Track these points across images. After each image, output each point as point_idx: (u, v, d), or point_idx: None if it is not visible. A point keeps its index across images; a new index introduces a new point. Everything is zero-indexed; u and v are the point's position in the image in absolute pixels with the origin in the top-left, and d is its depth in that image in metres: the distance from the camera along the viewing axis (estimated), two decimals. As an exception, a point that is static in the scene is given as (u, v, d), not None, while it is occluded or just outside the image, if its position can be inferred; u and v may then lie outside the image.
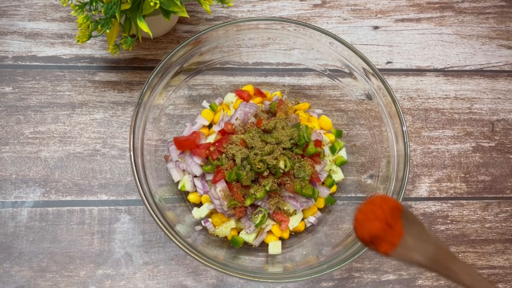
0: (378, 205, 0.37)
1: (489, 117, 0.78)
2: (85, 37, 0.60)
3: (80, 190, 0.69)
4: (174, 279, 0.66)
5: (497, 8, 0.83)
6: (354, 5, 0.81)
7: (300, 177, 0.61)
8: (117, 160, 0.71)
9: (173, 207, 0.66)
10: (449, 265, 0.35)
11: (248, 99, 0.68)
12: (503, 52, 0.81)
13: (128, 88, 0.74)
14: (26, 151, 0.70)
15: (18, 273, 0.65)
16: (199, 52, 0.65)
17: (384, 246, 0.36)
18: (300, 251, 0.65)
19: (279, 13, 0.80)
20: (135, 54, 0.75)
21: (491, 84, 0.79)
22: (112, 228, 0.68)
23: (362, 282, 0.68)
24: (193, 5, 0.78)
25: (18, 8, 0.76)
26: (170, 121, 0.70)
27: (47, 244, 0.67)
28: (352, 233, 0.62)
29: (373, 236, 0.36)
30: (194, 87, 0.72)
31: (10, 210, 0.67)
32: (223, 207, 0.61)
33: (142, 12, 0.60)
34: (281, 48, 0.70)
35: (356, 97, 0.69)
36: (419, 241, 0.36)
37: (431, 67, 0.79)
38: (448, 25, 0.82)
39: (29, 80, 0.73)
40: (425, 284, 0.69)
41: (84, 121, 0.72)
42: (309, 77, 0.73)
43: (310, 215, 0.67)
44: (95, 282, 0.65)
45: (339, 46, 0.63)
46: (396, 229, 0.36)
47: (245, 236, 0.64)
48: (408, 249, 0.36)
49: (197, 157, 0.63)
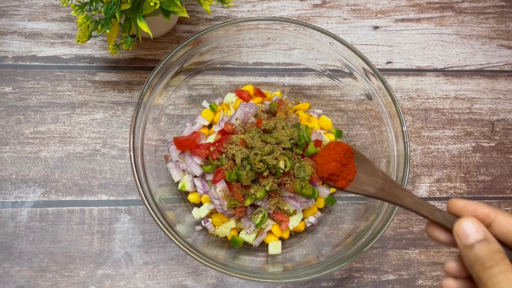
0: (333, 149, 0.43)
1: (489, 117, 0.78)
2: (85, 37, 0.60)
3: (80, 190, 0.69)
4: (174, 279, 0.66)
5: (497, 8, 0.83)
6: (354, 5, 0.81)
7: (300, 177, 0.61)
8: (117, 160, 0.71)
9: (173, 207, 0.66)
10: (395, 192, 0.42)
11: (248, 99, 0.68)
12: (503, 52, 0.81)
13: (128, 88, 0.74)
14: (26, 151, 0.70)
15: (18, 273, 0.65)
16: (199, 52, 0.65)
17: (341, 182, 0.43)
18: (300, 251, 0.65)
19: (279, 13, 0.80)
20: (135, 54, 0.75)
21: (491, 84, 0.79)
22: (112, 228, 0.68)
23: (362, 282, 0.68)
24: (193, 5, 0.78)
25: (18, 8, 0.76)
26: (170, 121, 0.70)
27: (47, 244, 0.67)
28: (352, 233, 0.62)
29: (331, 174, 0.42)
30: (194, 87, 0.72)
31: (10, 210, 0.67)
32: (223, 207, 0.61)
33: (142, 12, 0.60)
34: (281, 48, 0.70)
35: (356, 97, 0.69)
36: (369, 175, 0.43)
37: (431, 67, 0.79)
38: (448, 25, 0.82)
39: (29, 80, 0.73)
40: (425, 284, 0.69)
41: (84, 121, 0.72)
42: (309, 77, 0.73)
43: (310, 215, 0.67)
44: (95, 282, 0.65)
45: (339, 46, 0.63)
46: (349, 168, 0.43)
47: (245, 236, 0.64)
48: (361, 183, 0.43)
49: (197, 157, 0.63)
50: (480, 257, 0.36)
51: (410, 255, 0.70)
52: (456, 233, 0.38)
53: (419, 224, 0.71)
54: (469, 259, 0.37)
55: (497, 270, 0.34)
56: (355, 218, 0.66)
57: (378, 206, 0.61)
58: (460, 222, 0.38)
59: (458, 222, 0.38)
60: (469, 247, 0.37)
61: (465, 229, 0.37)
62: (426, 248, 0.70)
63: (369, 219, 0.61)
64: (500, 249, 0.36)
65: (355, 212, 0.67)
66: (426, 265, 0.70)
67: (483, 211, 0.38)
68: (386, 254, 0.70)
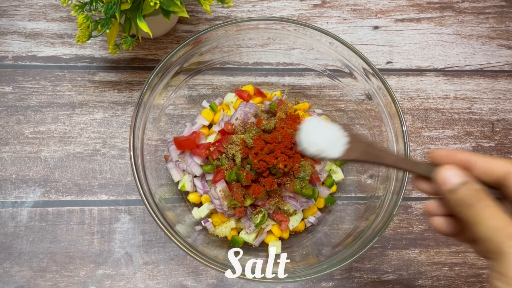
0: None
1: (489, 117, 0.78)
2: (85, 37, 0.60)
3: (80, 190, 0.69)
4: (174, 279, 0.66)
5: (497, 8, 0.83)
6: (354, 5, 0.81)
7: (300, 177, 0.61)
8: (117, 160, 0.71)
9: (173, 207, 0.66)
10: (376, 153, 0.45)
11: (248, 99, 0.68)
12: (503, 52, 0.81)
13: (128, 88, 0.74)
14: (26, 151, 0.70)
15: (18, 273, 0.65)
16: (199, 52, 0.65)
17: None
18: (300, 251, 0.65)
19: (279, 13, 0.80)
20: (135, 54, 0.75)
21: (491, 84, 0.79)
22: (112, 228, 0.68)
23: (362, 282, 0.68)
24: (193, 5, 0.78)
25: (18, 8, 0.76)
26: (170, 121, 0.70)
27: (47, 244, 0.67)
28: (352, 233, 0.62)
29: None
30: (194, 87, 0.72)
31: (10, 210, 0.67)
32: (223, 207, 0.61)
33: (142, 12, 0.60)
34: (281, 48, 0.70)
35: (356, 97, 0.69)
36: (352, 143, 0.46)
37: (431, 67, 0.79)
38: (448, 25, 0.82)
39: (29, 80, 0.73)
40: (425, 284, 0.69)
41: (84, 121, 0.72)
42: (309, 77, 0.73)
43: (310, 215, 0.67)
44: (95, 282, 0.65)
45: (339, 46, 0.63)
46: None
47: (245, 236, 0.64)
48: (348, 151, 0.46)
49: (197, 157, 0.63)
50: (463, 198, 0.38)
51: (410, 255, 0.70)
52: (437, 181, 0.41)
53: (419, 224, 0.71)
54: (454, 202, 0.39)
55: (480, 206, 0.37)
56: (355, 218, 0.66)
57: (378, 206, 0.61)
58: (440, 170, 0.40)
59: (438, 170, 0.41)
60: (452, 191, 0.39)
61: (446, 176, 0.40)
62: (426, 248, 0.70)
63: (369, 219, 0.61)
64: (481, 188, 0.39)
65: (355, 212, 0.67)
66: (426, 265, 0.70)
67: (462, 156, 0.41)
68: (386, 254, 0.70)
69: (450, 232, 0.43)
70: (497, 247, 0.34)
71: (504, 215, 0.36)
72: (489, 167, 0.40)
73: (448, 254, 0.70)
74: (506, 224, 0.35)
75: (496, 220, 0.36)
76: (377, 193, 0.64)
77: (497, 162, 0.40)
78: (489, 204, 0.37)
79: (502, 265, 0.34)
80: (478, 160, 0.40)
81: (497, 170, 0.39)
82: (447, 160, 0.41)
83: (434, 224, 0.44)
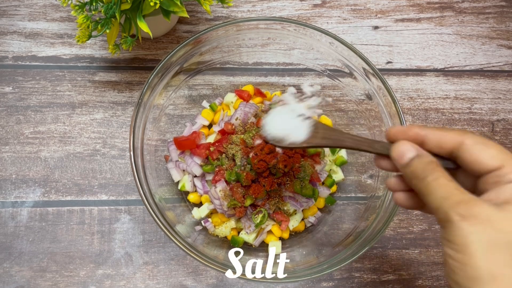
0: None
1: (489, 117, 0.78)
2: (85, 37, 0.60)
3: (80, 190, 0.69)
4: (174, 279, 0.66)
5: (497, 8, 0.83)
6: (354, 5, 0.81)
7: (300, 177, 0.61)
8: (117, 160, 0.71)
9: (173, 207, 0.66)
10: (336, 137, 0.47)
11: (248, 99, 0.68)
12: (503, 52, 0.81)
13: (128, 88, 0.74)
14: (26, 151, 0.70)
15: (18, 273, 0.65)
16: (199, 52, 0.65)
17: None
18: (300, 251, 0.65)
19: (279, 13, 0.80)
20: (135, 54, 0.75)
21: (491, 84, 0.79)
22: (112, 228, 0.68)
23: (362, 282, 0.68)
24: (193, 5, 0.78)
25: (18, 8, 0.76)
26: (170, 121, 0.70)
27: (47, 244, 0.67)
28: (352, 233, 0.62)
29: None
30: (194, 87, 0.72)
31: (10, 210, 0.67)
32: (223, 207, 0.61)
33: (142, 12, 0.60)
34: (281, 48, 0.70)
35: (356, 97, 0.69)
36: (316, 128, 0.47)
37: (431, 67, 0.79)
38: (448, 25, 0.82)
39: (29, 80, 0.73)
40: (425, 284, 0.69)
41: (84, 121, 0.72)
42: (309, 77, 0.73)
43: (310, 215, 0.67)
44: (95, 282, 0.65)
45: (339, 46, 0.63)
46: None
47: (245, 236, 0.64)
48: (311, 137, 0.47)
49: (197, 157, 0.63)
50: (415, 171, 0.39)
51: (410, 255, 0.70)
52: (393, 157, 0.42)
53: (419, 224, 0.71)
54: (408, 176, 0.40)
55: (431, 178, 0.38)
56: (355, 218, 0.66)
57: (378, 206, 0.61)
58: (394, 146, 0.42)
59: (392, 147, 0.42)
60: (405, 165, 0.40)
61: (399, 151, 0.41)
62: (426, 248, 0.70)
63: (369, 219, 0.61)
64: (433, 160, 0.39)
65: (355, 212, 0.67)
66: (426, 265, 0.70)
67: (414, 131, 0.42)
68: (386, 254, 0.70)
69: (413, 205, 0.44)
70: (445, 215, 0.35)
71: (453, 184, 0.37)
72: (441, 140, 0.40)
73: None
74: (453, 193, 0.36)
75: (444, 189, 0.36)
76: (377, 193, 0.64)
77: (448, 134, 0.40)
78: (439, 175, 0.38)
79: (450, 232, 0.35)
80: (429, 133, 0.41)
81: (449, 142, 0.40)
82: (402, 136, 0.42)
83: (397, 199, 0.45)
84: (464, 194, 0.36)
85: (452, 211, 0.35)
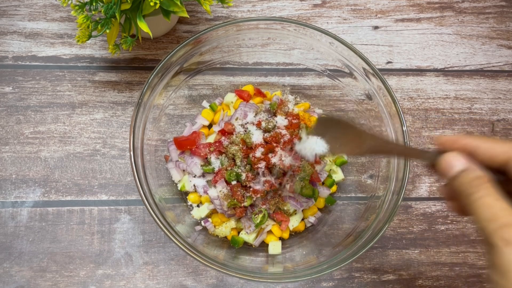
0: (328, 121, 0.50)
1: (489, 117, 0.78)
2: (85, 37, 0.60)
3: (80, 190, 0.69)
4: (174, 279, 0.66)
5: (497, 8, 0.83)
6: (354, 5, 0.81)
7: (300, 177, 0.61)
8: (117, 160, 0.71)
9: (173, 207, 0.66)
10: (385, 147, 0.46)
11: (248, 99, 0.68)
12: (503, 52, 0.81)
13: (128, 88, 0.74)
14: (26, 151, 0.70)
15: (18, 273, 0.65)
16: (199, 52, 0.65)
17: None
18: (300, 251, 0.65)
19: (279, 13, 0.80)
20: (135, 54, 0.75)
21: (491, 84, 0.79)
22: (112, 228, 0.68)
23: (362, 282, 0.68)
24: (193, 5, 0.78)
25: (18, 8, 0.76)
26: (170, 121, 0.70)
27: (47, 244, 0.67)
28: (352, 233, 0.62)
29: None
30: (194, 87, 0.72)
31: (10, 210, 0.67)
32: (223, 207, 0.61)
33: (142, 12, 0.60)
34: (281, 48, 0.70)
35: (356, 97, 0.68)
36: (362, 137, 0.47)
37: (431, 67, 0.79)
38: (448, 25, 0.82)
39: (29, 80, 0.73)
40: (425, 284, 0.69)
41: (84, 121, 0.72)
42: (309, 77, 0.73)
43: (310, 215, 0.67)
44: (95, 282, 0.65)
45: (339, 46, 0.63)
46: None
47: (245, 236, 0.64)
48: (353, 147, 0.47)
49: (197, 157, 0.63)
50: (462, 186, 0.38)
51: (410, 255, 0.70)
52: (441, 168, 0.40)
53: (419, 224, 0.71)
54: (456, 189, 0.39)
55: (476, 196, 0.36)
56: (355, 218, 0.66)
57: (378, 206, 0.61)
58: (442, 157, 0.40)
59: (440, 158, 0.40)
60: (453, 178, 0.39)
61: (447, 163, 0.40)
62: (426, 248, 0.70)
63: (369, 219, 0.61)
64: (480, 176, 0.38)
65: (355, 212, 0.67)
66: (426, 265, 0.69)
67: (465, 141, 0.40)
68: (386, 254, 0.70)
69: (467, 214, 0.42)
70: (488, 238, 0.34)
71: (499, 204, 0.35)
72: (491, 153, 0.39)
73: (448, 254, 0.70)
74: (498, 215, 0.34)
75: (489, 210, 0.35)
76: (377, 193, 0.64)
77: (499, 147, 0.38)
78: (485, 193, 0.36)
79: (492, 256, 0.34)
80: (481, 144, 0.39)
81: (499, 155, 0.38)
82: (449, 145, 0.41)
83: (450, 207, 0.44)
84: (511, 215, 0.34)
85: (495, 235, 0.33)
